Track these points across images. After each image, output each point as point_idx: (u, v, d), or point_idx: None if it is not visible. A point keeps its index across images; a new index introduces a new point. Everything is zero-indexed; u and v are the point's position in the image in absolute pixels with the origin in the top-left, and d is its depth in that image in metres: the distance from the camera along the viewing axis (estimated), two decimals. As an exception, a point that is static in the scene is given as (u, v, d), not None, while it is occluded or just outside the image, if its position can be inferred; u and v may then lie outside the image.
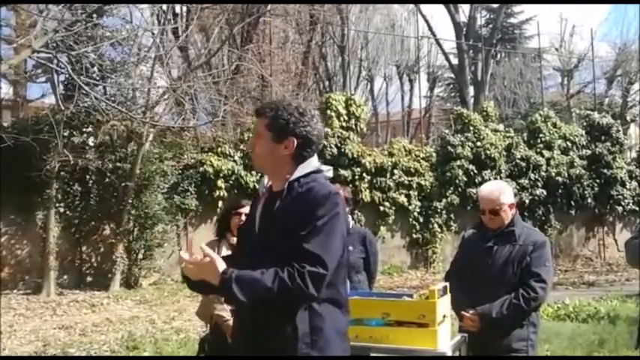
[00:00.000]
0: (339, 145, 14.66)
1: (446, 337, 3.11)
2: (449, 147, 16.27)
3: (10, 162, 11.08)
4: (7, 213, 11.84)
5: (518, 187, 16.60)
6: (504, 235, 3.62)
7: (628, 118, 24.15)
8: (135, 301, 10.97)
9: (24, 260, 12.07)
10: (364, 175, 14.93)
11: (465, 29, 25.52)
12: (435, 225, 15.84)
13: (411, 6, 22.66)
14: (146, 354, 7.07)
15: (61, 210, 12.16)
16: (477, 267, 3.61)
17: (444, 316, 3.10)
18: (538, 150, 17.58)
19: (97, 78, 11.24)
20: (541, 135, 17.82)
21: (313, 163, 2.40)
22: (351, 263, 4.54)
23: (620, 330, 7.56)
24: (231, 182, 13.39)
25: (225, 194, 13.26)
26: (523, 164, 17.10)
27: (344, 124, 14.94)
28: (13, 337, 8.22)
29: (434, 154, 16.32)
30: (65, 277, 12.20)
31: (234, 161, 13.63)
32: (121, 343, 7.74)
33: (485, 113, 17.55)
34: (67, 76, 11.05)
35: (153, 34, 12.71)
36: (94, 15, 10.62)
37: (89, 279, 12.51)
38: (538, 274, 3.51)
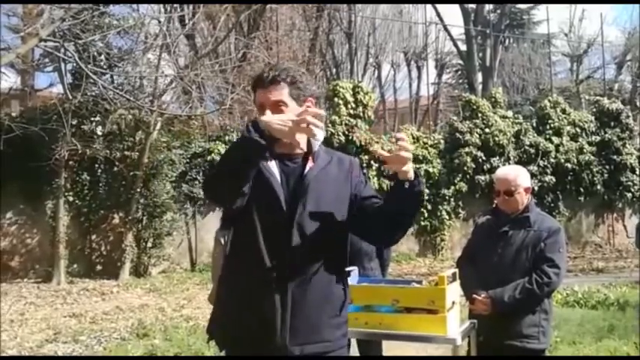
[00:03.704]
0: (346, 132, 14.63)
1: (455, 323, 3.10)
2: (457, 134, 16.20)
3: (18, 151, 11.14)
4: (16, 202, 11.92)
5: (526, 173, 16.52)
6: (519, 220, 3.61)
7: (638, 103, 23.95)
8: (144, 290, 11.03)
9: (34, 249, 12.16)
10: (372, 162, 14.90)
11: (473, 15, 25.32)
12: (444, 212, 15.80)
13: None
14: (156, 341, 7.11)
15: (70, 199, 12.23)
16: (491, 252, 3.61)
17: (453, 303, 3.10)
18: (547, 136, 17.47)
19: (105, 67, 11.23)
20: (550, 121, 17.70)
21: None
22: (364, 250, 4.53)
23: (630, 316, 7.55)
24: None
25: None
26: (532, 151, 17.02)
27: (351, 111, 14.89)
28: (24, 325, 8.28)
29: (442, 141, 16.26)
30: (75, 265, 12.29)
31: (242, 149, 13.60)
32: (131, 330, 7.80)
33: (493, 99, 17.44)
34: (74, 65, 11.05)
35: (159, 22, 12.68)
36: (101, 3, 10.60)
37: (99, 267, 12.60)
38: (552, 259, 3.50)
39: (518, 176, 3.66)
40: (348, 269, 2.55)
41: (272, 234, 2.23)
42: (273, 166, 2.28)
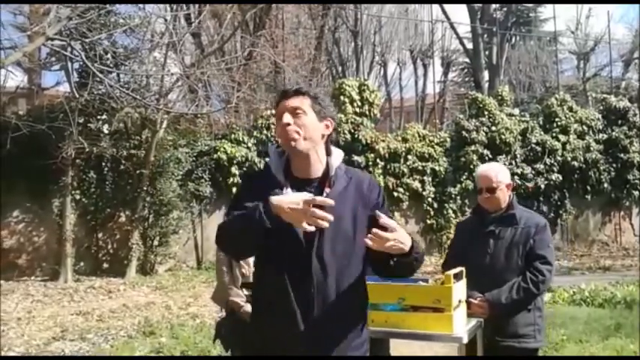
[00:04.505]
0: (352, 131, 14.62)
1: (461, 321, 3.10)
2: (463, 132, 16.17)
3: (25, 150, 11.17)
4: (23, 201, 11.97)
5: (533, 171, 16.49)
6: (505, 218, 3.58)
7: (645, 101, 23.80)
8: (151, 288, 11.07)
9: (41, 247, 12.21)
10: (378, 161, 14.89)
11: (479, 13, 25.26)
12: (450, 210, 15.78)
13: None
14: (162, 339, 7.13)
15: (77, 197, 12.27)
16: (481, 253, 3.56)
17: (460, 301, 3.09)
18: (554, 134, 17.41)
19: (111, 65, 11.24)
20: (557, 119, 17.64)
21: (340, 151, 2.41)
22: None
23: (637, 315, 7.51)
24: (244, 169, 13.41)
25: (239, 181, 13.28)
26: (538, 149, 16.97)
27: (357, 109, 14.89)
28: (31, 323, 8.32)
29: (448, 140, 16.23)
30: (82, 263, 12.33)
31: (248, 148, 13.64)
32: (138, 328, 7.83)
33: (500, 97, 17.40)
34: (81, 63, 11.08)
35: (165, 20, 12.70)
36: (107, 2, 10.62)
37: (105, 266, 12.64)
38: (544, 256, 3.48)
39: (499, 173, 3.62)
40: None
41: (290, 264, 2.21)
42: (288, 194, 2.24)
